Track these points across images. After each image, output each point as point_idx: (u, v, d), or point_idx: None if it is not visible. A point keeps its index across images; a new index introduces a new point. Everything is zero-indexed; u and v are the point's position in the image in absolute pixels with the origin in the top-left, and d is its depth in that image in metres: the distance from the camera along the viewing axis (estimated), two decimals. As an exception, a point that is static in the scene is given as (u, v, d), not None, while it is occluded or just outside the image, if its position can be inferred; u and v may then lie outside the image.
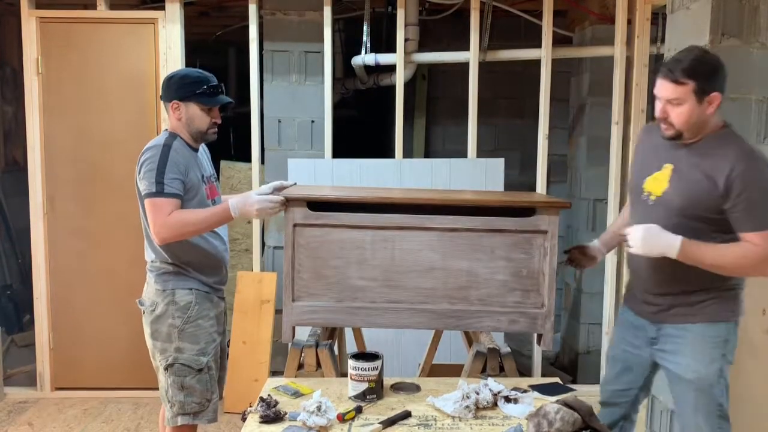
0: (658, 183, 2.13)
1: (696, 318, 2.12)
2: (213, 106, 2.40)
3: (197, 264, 2.42)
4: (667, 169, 2.11)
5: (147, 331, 2.43)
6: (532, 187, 4.13)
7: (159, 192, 2.25)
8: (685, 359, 2.13)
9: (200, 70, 2.45)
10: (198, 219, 2.30)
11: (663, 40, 3.66)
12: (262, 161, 4.14)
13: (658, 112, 2.05)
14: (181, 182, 2.29)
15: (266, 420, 1.87)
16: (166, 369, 2.39)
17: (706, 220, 2.03)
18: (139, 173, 2.31)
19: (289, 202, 2.20)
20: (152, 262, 2.42)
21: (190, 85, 2.37)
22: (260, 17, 4.01)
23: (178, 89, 2.38)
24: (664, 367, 2.21)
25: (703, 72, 1.97)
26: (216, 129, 2.46)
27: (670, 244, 1.99)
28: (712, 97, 1.98)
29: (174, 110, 2.38)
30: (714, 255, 2.00)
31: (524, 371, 4.09)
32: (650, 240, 2.01)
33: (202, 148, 2.54)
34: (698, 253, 2.00)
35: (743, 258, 1.98)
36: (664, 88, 2.01)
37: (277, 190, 2.37)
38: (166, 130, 2.44)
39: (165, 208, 2.25)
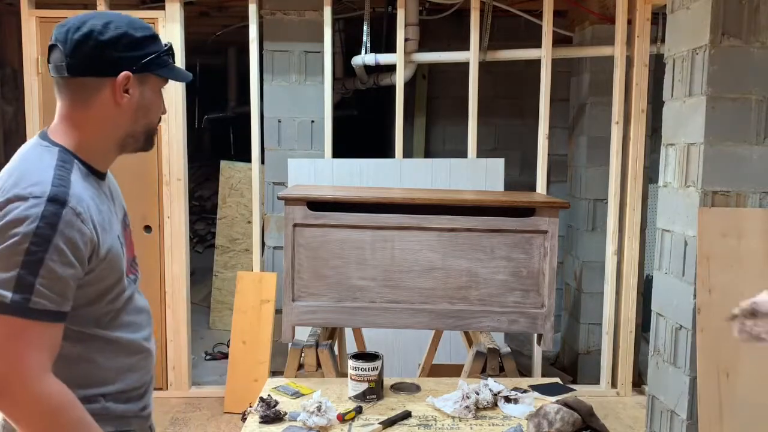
0: None
1: None
2: (181, 80, 1.39)
3: (100, 381, 1.30)
4: None
5: None
6: (532, 187, 4.14)
7: (20, 307, 1.10)
8: None
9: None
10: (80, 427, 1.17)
11: (663, 40, 3.66)
12: (262, 161, 4.14)
13: None
14: (72, 282, 1.16)
15: (266, 420, 1.87)
16: None
17: None
18: None
19: (289, 202, 2.20)
20: None
21: (146, 40, 1.28)
22: (260, 17, 4.01)
23: (131, 49, 1.25)
24: None
25: None
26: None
27: None
28: None
29: (121, 91, 1.25)
30: None
31: (524, 371, 4.09)
32: None
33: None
34: None
35: None
36: None
37: None
38: (47, 139, 1.27)
39: (33, 346, 1.12)
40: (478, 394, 1.97)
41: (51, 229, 1.11)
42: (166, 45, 1.32)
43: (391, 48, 4.29)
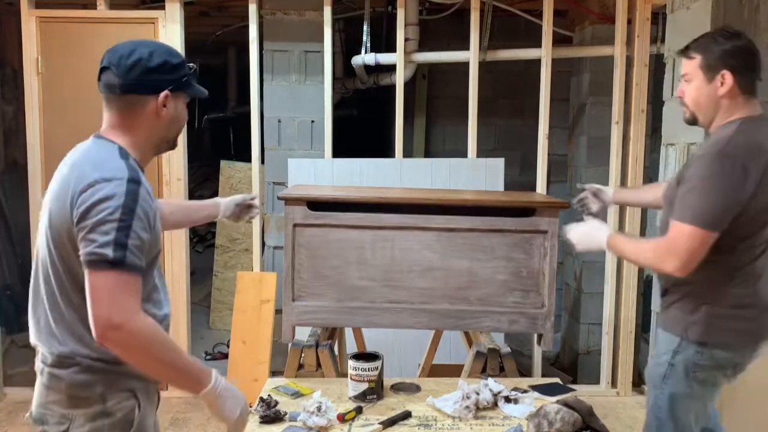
0: None
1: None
2: (202, 96, 1.69)
3: None
4: None
5: None
6: (532, 187, 4.13)
7: (119, 261, 1.37)
8: None
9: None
10: (169, 357, 1.45)
11: (663, 40, 3.66)
12: (262, 161, 4.14)
13: (677, 92, 1.95)
14: (147, 246, 1.45)
15: (266, 420, 1.87)
16: None
17: None
18: (80, 217, 1.40)
19: (289, 202, 2.20)
20: (66, 357, 1.47)
21: (180, 66, 1.58)
22: (260, 17, 4.01)
23: (170, 72, 1.56)
24: None
25: (713, 47, 1.81)
26: None
27: (599, 239, 1.96)
28: (723, 75, 1.79)
29: (161, 106, 1.55)
30: (632, 248, 1.92)
31: (524, 371, 4.09)
32: (585, 237, 2.00)
33: None
34: (620, 246, 1.95)
35: (653, 251, 1.82)
36: (681, 64, 1.91)
37: (240, 205, 2.18)
38: (107, 140, 1.55)
39: (131, 292, 1.39)
40: (478, 394, 1.97)
41: (133, 202, 1.40)
42: (191, 67, 1.62)
43: (391, 48, 4.29)
